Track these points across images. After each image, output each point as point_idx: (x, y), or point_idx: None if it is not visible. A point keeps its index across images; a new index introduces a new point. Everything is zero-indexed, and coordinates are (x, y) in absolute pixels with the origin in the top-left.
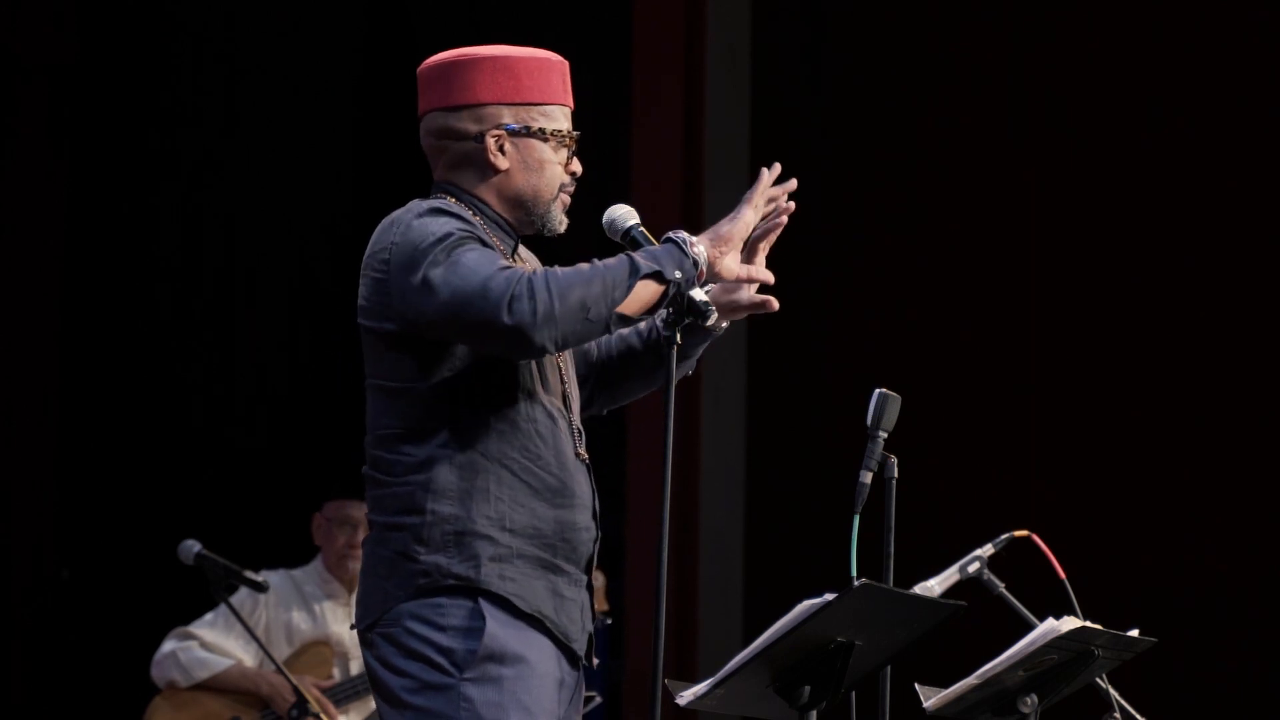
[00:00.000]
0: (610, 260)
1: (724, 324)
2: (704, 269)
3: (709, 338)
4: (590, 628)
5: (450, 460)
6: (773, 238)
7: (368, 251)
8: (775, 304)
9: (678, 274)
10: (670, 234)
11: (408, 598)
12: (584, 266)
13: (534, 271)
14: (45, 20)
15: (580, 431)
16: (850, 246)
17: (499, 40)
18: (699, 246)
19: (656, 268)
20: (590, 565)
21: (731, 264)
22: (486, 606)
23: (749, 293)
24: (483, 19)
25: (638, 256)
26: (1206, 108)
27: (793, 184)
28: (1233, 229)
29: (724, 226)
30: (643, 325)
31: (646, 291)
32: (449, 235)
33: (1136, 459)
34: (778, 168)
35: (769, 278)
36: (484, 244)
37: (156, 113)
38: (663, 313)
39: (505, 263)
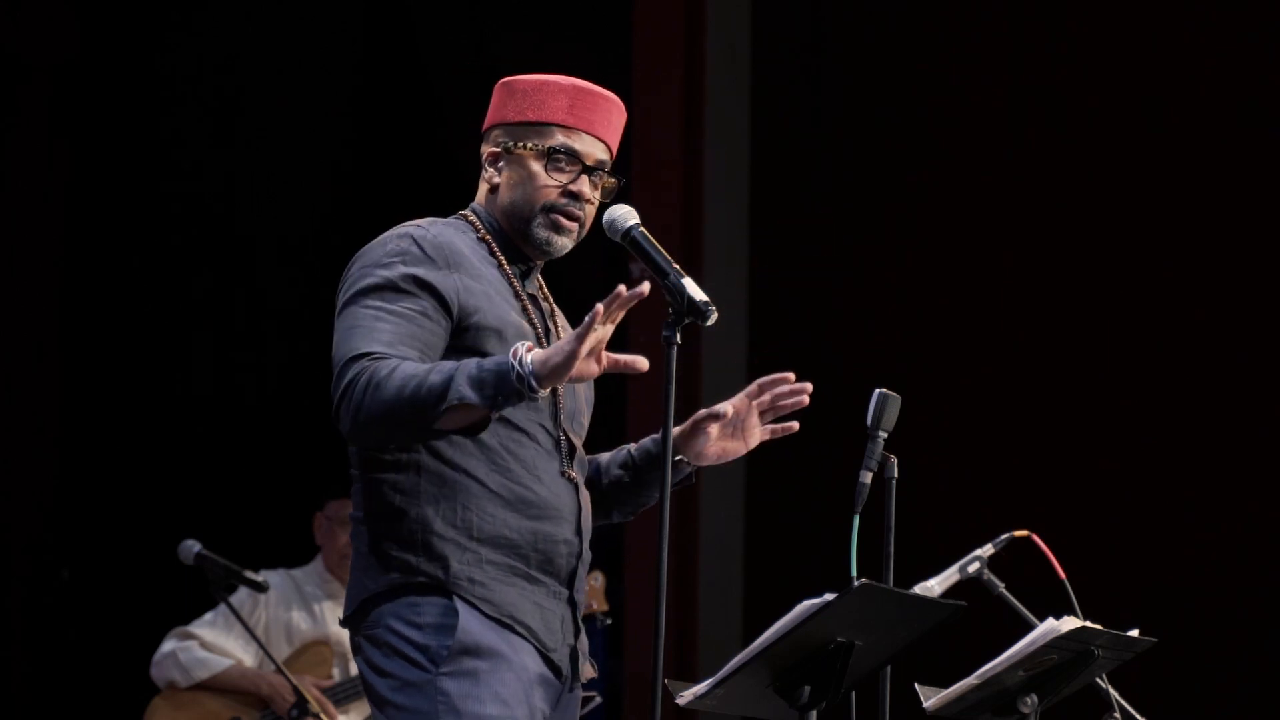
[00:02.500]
0: (435, 379)
1: (692, 468)
2: (532, 395)
3: (682, 478)
4: (573, 641)
5: (418, 465)
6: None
7: None
8: (795, 426)
9: (498, 400)
10: (514, 352)
11: (381, 592)
12: (408, 387)
13: (368, 375)
14: (45, 19)
15: (570, 451)
16: (850, 245)
17: (499, 39)
18: (530, 370)
19: (471, 399)
20: (572, 580)
21: (584, 370)
22: (460, 604)
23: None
24: (483, 18)
25: (458, 381)
26: (1208, 108)
27: (807, 388)
28: (1232, 229)
29: (555, 359)
30: (619, 457)
31: (463, 413)
32: (386, 271)
33: (1136, 459)
34: (621, 291)
35: (642, 365)
36: (422, 285)
37: (156, 112)
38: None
39: (372, 349)
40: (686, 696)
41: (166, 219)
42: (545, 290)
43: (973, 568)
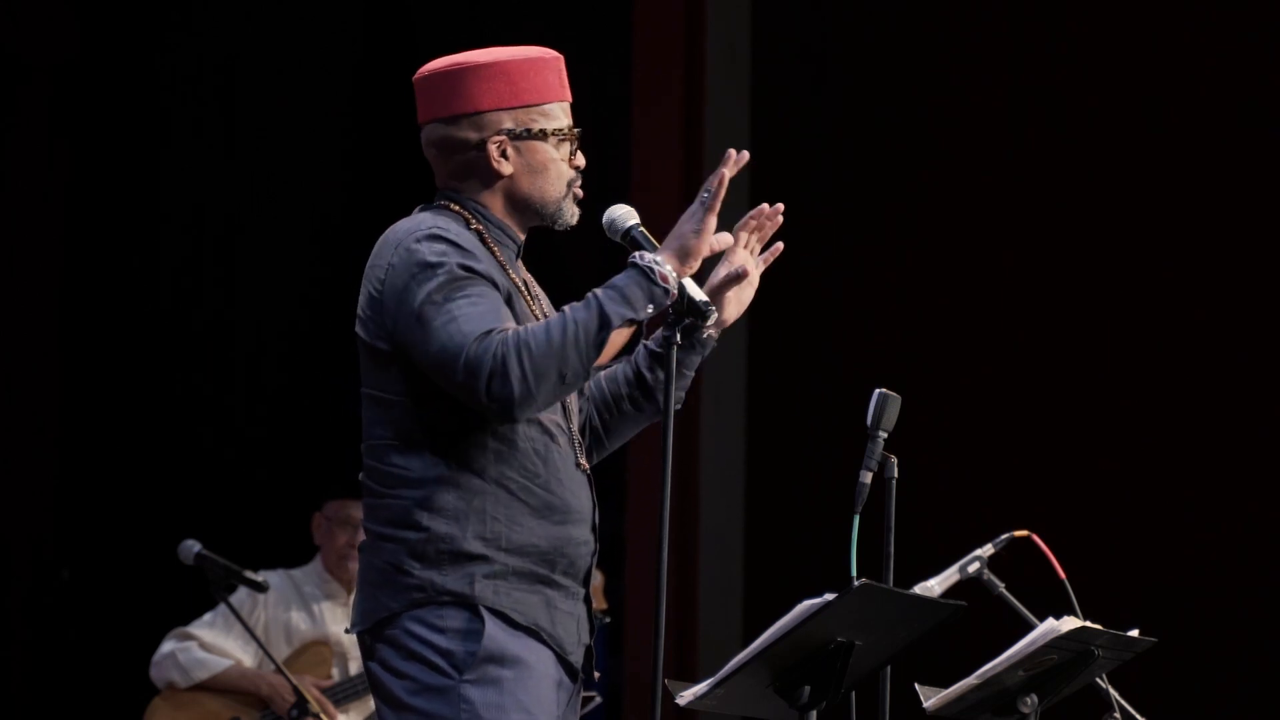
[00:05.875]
0: (581, 315)
1: (715, 333)
2: (675, 291)
3: (704, 351)
4: (587, 640)
5: (446, 479)
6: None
7: (369, 262)
8: (781, 246)
9: (650, 308)
10: (636, 259)
11: (403, 609)
12: (555, 334)
13: (512, 341)
14: (45, 19)
15: (580, 442)
16: (850, 245)
17: (500, 40)
18: (666, 267)
19: (629, 315)
20: (588, 577)
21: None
22: (485, 612)
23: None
24: (483, 18)
25: (607, 304)
26: (1208, 108)
27: (780, 207)
28: (1232, 229)
29: (687, 243)
30: (626, 371)
31: (620, 337)
32: (444, 268)
33: (1136, 459)
34: (731, 155)
35: (727, 240)
36: (478, 274)
37: (156, 112)
38: (642, 354)
39: (490, 326)
40: (686, 696)
41: (166, 219)
42: (524, 266)
43: (973, 568)
